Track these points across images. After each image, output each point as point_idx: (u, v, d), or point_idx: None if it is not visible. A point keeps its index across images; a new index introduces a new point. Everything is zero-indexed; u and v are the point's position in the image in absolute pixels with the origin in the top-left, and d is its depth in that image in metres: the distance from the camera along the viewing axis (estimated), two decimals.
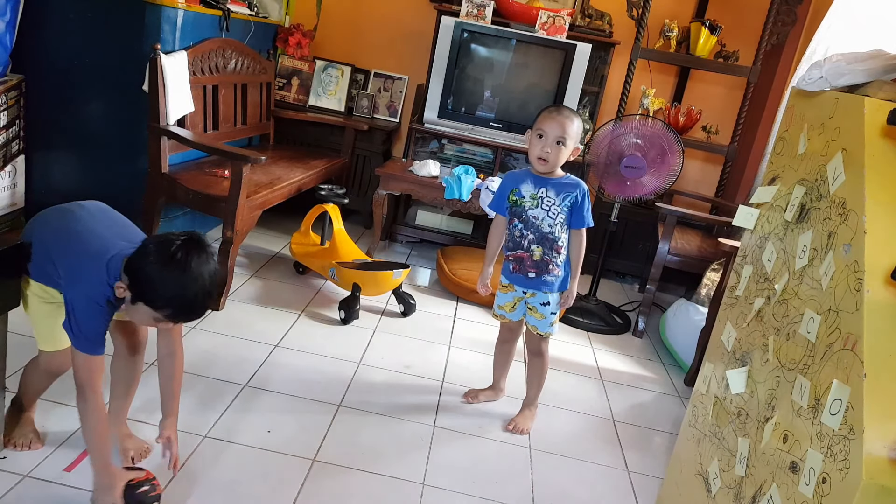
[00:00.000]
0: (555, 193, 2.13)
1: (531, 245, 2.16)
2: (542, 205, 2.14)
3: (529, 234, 2.16)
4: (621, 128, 3.23)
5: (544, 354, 2.31)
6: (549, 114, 2.09)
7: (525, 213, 2.15)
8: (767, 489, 1.30)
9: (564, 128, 2.06)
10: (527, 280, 2.20)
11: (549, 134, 2.07)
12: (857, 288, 1.17)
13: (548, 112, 2.10)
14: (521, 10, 3.78)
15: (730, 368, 1.61)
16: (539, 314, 2.23)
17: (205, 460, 1.84)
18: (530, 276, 2.19)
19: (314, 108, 4.10)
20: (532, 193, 2.14)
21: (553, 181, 2.15)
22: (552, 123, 2.06)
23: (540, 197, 2.14)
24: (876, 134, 1.27)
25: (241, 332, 2.58)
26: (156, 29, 2.80)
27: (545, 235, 2.15)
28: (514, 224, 2.18)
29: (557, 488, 2.03)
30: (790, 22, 3.73)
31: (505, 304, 2.28)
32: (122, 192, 2.94)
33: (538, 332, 2.25)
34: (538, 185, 2.14)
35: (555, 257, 2.17)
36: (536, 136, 2.09)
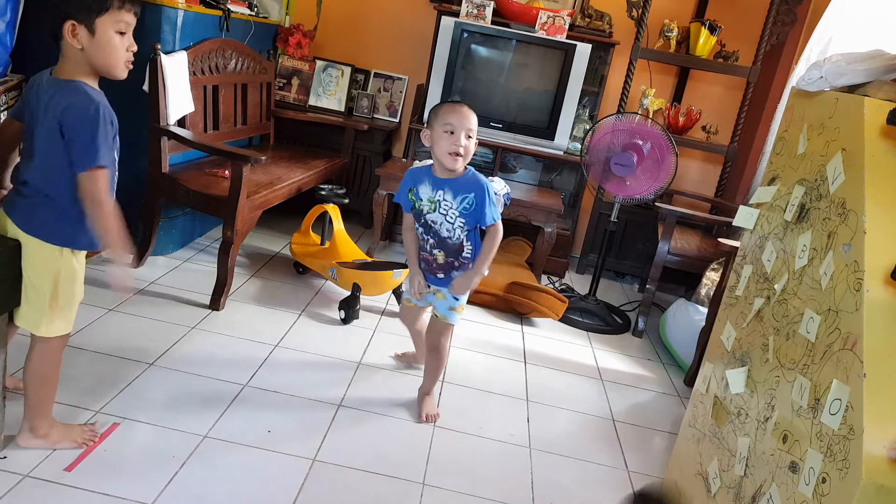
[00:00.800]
0: (452, 196, 2.05)
1: (433, 249, 2.12)
2: (439, 209, 2.06)
3: (430, 238, 2.11)
4: (622, 123, 3.23)
5: (442, 351, 2.25)
6: (451, 107, 2.00)
7: (423, 217, 2.09)
8: (767, 489, 1.30)
9: (470, 119, 1.99)
10: (436, 279, 2.18)
11: (458, 127, 1.97)
12: (857, 288, 1.17)
13: (449, 106, 2.01)
14: (521, 11, 3.78)
15: (729, 368, 1.61)
16: (441, 294, 2.19)
17: (205, 460, 1.84)
18: (439, 276, 2.17)
19: (314, 108, 4.10)
20: (430, 196, 2.07)
21: (452, 182, 2.05)
22: (459, 116, 1.98)
23: (437, 201, 2.06)
24: (875, 134, 1.27)
25: (241, 332, 2.58)
26: (156, 29, 2.80)
27: (444, 240, 2.09)
28: (417, 227, 2.14)
29: (557, 488, 2.03)
30: (790, 22, 3.73)
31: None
32: (123, 192, 2.91)
33: (437, 315, 2.20)
34: (436, 188, 2.06)
35: (458, 255, 2.11)
36: (443, 131, 1.99)
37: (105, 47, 1.52)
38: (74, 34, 1.49)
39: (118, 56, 1.54)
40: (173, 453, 1.84)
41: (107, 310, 2.53)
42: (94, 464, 1.74)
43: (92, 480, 1.68)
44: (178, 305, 2.69)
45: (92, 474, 1.70)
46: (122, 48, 1.54)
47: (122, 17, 1.52)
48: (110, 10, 1.49)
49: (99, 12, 1.49)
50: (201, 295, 2.79)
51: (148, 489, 1.69)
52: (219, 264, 2.73)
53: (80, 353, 2.22)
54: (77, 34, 1.49)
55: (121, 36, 1.53)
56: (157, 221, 2.92)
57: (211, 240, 3.46)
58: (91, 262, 2.84)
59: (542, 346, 3.02)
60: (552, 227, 3.48)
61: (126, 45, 1.55)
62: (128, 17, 1.54)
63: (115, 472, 1.73)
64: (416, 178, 2.11)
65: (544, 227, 3.48)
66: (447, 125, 1.98)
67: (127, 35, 1.55)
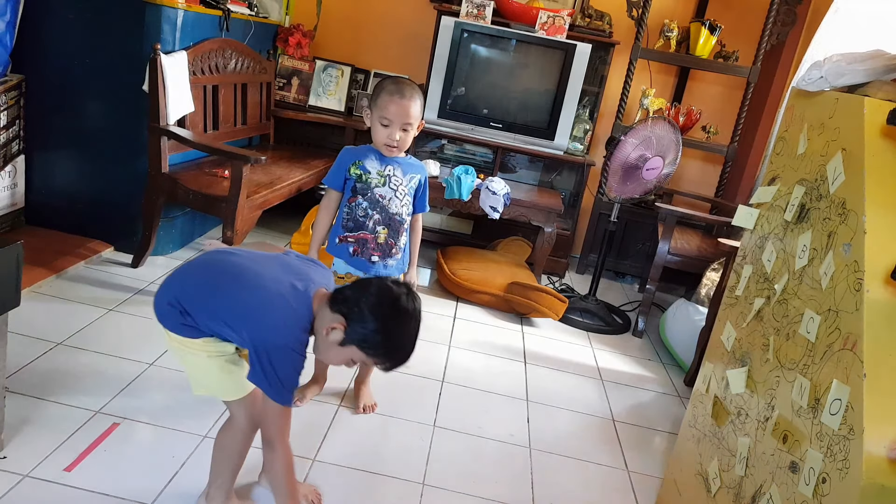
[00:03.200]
0: (402, 173, 2.03)
1: (377, 226, 2.03)
2: (389, 183, 2.01)
3: (375, 213, 2.03)
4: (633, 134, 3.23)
5: None
6: (391, 97, 1.92)
7: (371, 191, 2.01)
8: (767, 489, 1.30)
9: (409, 112, 1.93)
10: (368, 264, 2.07)
11: (394, 122, 1.93)
12: (857, 288, 1.17)
13: (389, 95, 1.92)
14: (521, 11, 3.78)
15: (730, 368, 1.61)
16: None
17: (206, 460, 1.84)
18: (373, 259, 2.06)
19: (314, 108, 4.09)
20: (379, 170, 2.01)
21: (399, 160, 2.05)
22: (397, 110, 1.92)
23: (388, 175, 2.01)
24: (876, 134, 1.27)
25: None
26: (156, 29, 2.80)
27: (392, 216, 2.03)
28: (357, 202, 2.02)
29: (557, 488, 2.03)
30: (790, 22, 3.73)
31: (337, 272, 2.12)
32: (122, 192, 2.94)
33: None
34: (385, 163, 2.02)
35: (398, 240, 2.07)
36: (380, 122, 1.94)
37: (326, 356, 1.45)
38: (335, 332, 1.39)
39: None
40: (173, 453, 1.84)
41: (107, 310, 2.53)
42: (94, 464, 1.74)
43: (92, 480, 1.68)
44: None
45: (92, 474, 1.70)
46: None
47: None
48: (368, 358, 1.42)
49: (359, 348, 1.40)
50: None
51: (148, 489, 1.69)
52: None
53: (80, 353, 2.22)
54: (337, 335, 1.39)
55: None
56: (156, 221, 2.91)
57: (211, 240, 3.46)
58: (91, 262, 2.85)
59: (542, 346, 3.02)
60: (552, 227, 3.48)
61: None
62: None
63: (115, 472, 1.73)
64: (358, 154, 2.03)
65: (544, 227, 3.48)
66: (383, 118, 1.93)
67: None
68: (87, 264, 2.84)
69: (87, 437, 1.83)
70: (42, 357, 2.14)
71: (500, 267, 3.47)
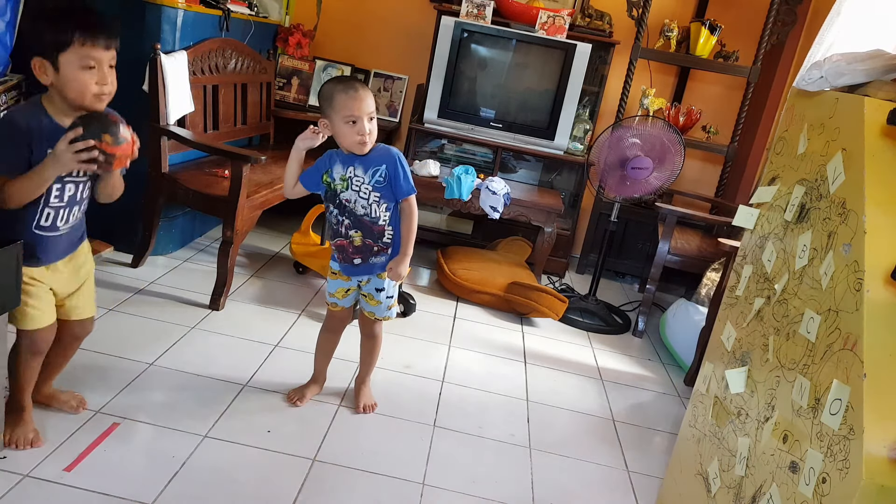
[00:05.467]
0: (363, 171, 1.99)
1: (349, 231, 2.03)
2: (351, 186, 1.99)
3: (345, 219, 2.02)
4: (622, 130, 3.24)
5: (377, 336, 2.21)
6: (347, 94, 1.90)
7: (338, 197, 2.01)
8: (767, 489, 1.30)
9: (369, 102, 1.92)
10: (353, 268, 2.07)
11: (360, 116, 1.91)
12: (857, 288, 1.17)
13: (345, 93, 1.91)
14: (521, 10, 3.78)
15: (730, 368, 1.61)
16: (375, 301, 2.12)
17: (206, 460, 1.84)
18: (356, 262, 2.06)
19: (314, 108, 4.09)
20: (342, 175, 2.00)
21: (361, 158, 1.99)
22: (358, 104, 1.90)
23: (349, 178, 1.99)
24: (876, 134, 1.27)
25: (241, 332, 2.58)
26: (156, 29, 2.80)
27: (360, 219, 2.01)
28: (330, 210, 2.05)
29: (557, 488, 2.03)
30: (790, 22, 3.73)
31: (336, 291, 2.14)
32: (123, 192, 2.94)
33: (376, 318, 2.15)
34: (346, 165, 2.00)
35: (378, 238, 2.04)
36: (345, 122, 1.92)
37: (69, 83, 1.54)
38: (41, 70, 1.54)
39: (84, 91, 1.56)
40: (173, 453, 1.84)
41: (107, 310, 2.53)
42: (94, 464, 1.74)
43: (92, 480, 1.68)
44: (177, 305, 2.69)
45: (92, 474, 1.70)
46: (90, 82, 1.56)
47: (88, 52, 1.53)
48: (72, 47, 1.51)
49: (60, 50, 1.51)
50: (201, 295, 2.79)
51: (148, 489, 1.69)
52: (219, 264, 2.73)
53: (80, 353, 2.20)
54: (43, 69, 1.53)
55: (89, 70, 1.54)
56: (156, 221, 2.92)
57: (211, 240, 3.46)
58: None
59: (542, 346, 3.02)
60: (552, 227, 3.48)
61: (96, 80, 1.56)
62: (96, 52, 1.54)
63: (115, 472, 1.73)
64: (331, 160, 2.04)
65: (544, 227, 3.48)
66: (348, 116, 1.91)
67: (99, 69, 1.56)
68: None
69: (87, 437, 1.83)
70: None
71: (500, 267, 3.47)
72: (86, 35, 1.53)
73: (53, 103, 1.58)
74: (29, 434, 1.76)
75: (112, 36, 1.58)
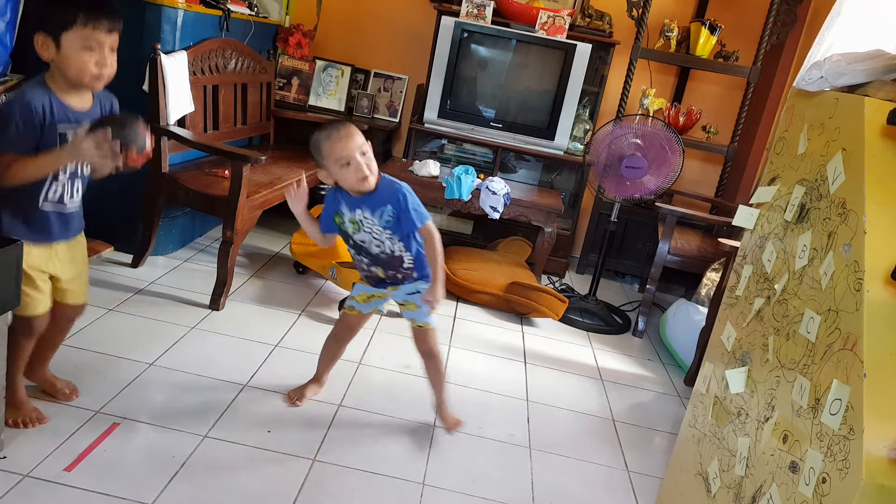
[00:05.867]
0: (370, 212, 1.96)
1: (370, 267, 2.05)
2: (363, 228, 1.98)
3: (363, 257, 2.04)
4: (621, 128, 3.24)
5: (436, 352, 2.15)
6: (331, 138, 1.88)
7: (352, 238, 2.02)
8: (767, 489, 1.30)
9: (357, 140, 1.90)
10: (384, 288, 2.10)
11: (352, 156, 1.88)
12: (857, 288, 1.17)
13: (328, 138, 1.88)
14: (521, 10, 3.78)
15: (730, 368, 1.61)
16: (411, 305, 2.09)
17: (205, 460, 1.84)
18: (388, 284, 2.09)
19: (314, 108, 4.09)
20: (351, 218, 1.99)
21: (367, 199, 1.96)
22: (346, 143, 1.87)
23: (359, 220, 1.98)
24: (876, 134, 1.27)
25: (241, 332, 2.58)
26: (156, 29, 2.80)
27: (377, 257, 2.02)
28: (350, 248, 2.07)
29: (557, 488, 2.03)
30: (790, 22, 3.73)
31: (360, 294, 2.13)
32: (122, 192, 2.94)
33: (419, 325, 2.12)
34: (353, 207, 1.98)
35: (398, 267, 2.04)
36: (340, 166, 1.89)
37: (69, 62, 1.57)
38: (43, 46, 1.56)
39: (83, 70, 1.58)
40: (173, 453, 1.84)
41: (107, 310, 2.53)
42: (94, 464, 1.74)
43: (92, 480, 1.68)
44: (177, 305, 2.69)
45: (92, 474, 1.70)
46: (90, 63, 1.58)
47: (91, 34, 1.56)
48: (75, 27, 1.54)
49: (64, 28, 1.54)
50: (201, 295, 2.79)
51: (148, 489, 1.69)
52: (219, 264, 2.73)
53: (80, 352, 2.22)
54: (46, 46, 1.56)
55: (90, 51, 1.57)
56: (156, 221, 2.92)
57: (211, 240, 3.46)
58: (91, 262, 2.84)
59: (542, 346, 3.02)
60: (552, 227, 3.48)
61: (95, 60, 1.58)
62: (98, 35, 1.57)
63: (115, 472, 1.73)
64: (336, 201, 2.01)
65: (544, 227, 3.48)
66: (341, 159, 1.88)
67: (99, 51, 1.58)
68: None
69: (87, 437, 1.83)
70: None
71: (500, 267, 3.47)
72: (90, 17, 1.55)
73: (56, 82, 1.61)
74: (32, 413, 1.81)
75: (116, 20, 1.60)
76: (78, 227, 1.80)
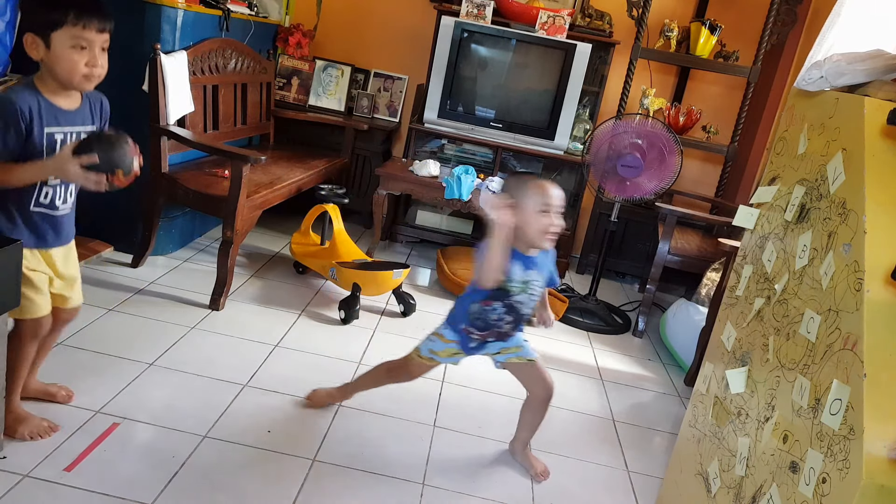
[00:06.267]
0: (537, 273, 1.88)
1: (505, 325, 1.91)
2: (528, 290, 1.87)
3: (509, 317, 1.89)
4: (621, 126, 3.24)
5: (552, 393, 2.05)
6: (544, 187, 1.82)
7: (510, 299, 1.85)
8: (767, 489, 1.30)
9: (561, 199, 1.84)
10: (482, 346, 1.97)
11: (555, 205, 1.81)
12: (858, 288, 1.17)
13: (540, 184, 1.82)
14: (521, 10, 3.78)
15: (730, 368, 1.61)
16: (514, 347, 2.00)
17: (205, 460, 1.84)
18: (489, 340, 1.96)
19: (314, 108, 4.09)
20: (521, 278, 1.84)
21: (537, 259, 1.88)
22: (555, 191, 1.82)
23: (527, 281, 1.86)
24: (876, 134, 1.27)
25: (241, 332, 2.58)
26: (156, 29, 2.80)
27: (523, 317, 1.92)
28: (493, 307, 1.86)
29: (557, 488, 2.03)
30: (790, 22, 3.73)
31: (443, 350, 1.98)
32: (122, 192, 2.92)
33: (528, 360, 2.01)
34: (527, 268, 1.85)
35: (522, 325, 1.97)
36: (538, 210, 1.79)
37: (59, 61, 1.55)
38: (32, 45, 1.55)
39: (73, 70, 1.57)
40: (173, 453, 1.84)
41: (107, 310, 2.53)
42: (94, 464, 1.74)
43: (92, 480, 1.68)
44: (177, 305, 2.69)
45: (92, 474, 1.70)
46: (80, 63, 1.57)
47: (81, 33, 1.55)
48: (65, 26, 1.53)
49: (54, 27, 1.53)
50: (201, 295, 2.79)
51: (148, 489, 1.69)
52: (218, 264, 2.73)
53: (80, 352, 2.22)
54: (35, 46, 1.55)
55: (80, 50, 1.56)
56: (156, 221, 2.92)
57: (211, 240, 3.46)
58: (91, 262, 2.85)
59: (542, 346, 3.02)
60: None
61: (86, 60, 1.57)
62: (88, 34, 1.56)
63: (115, 472, 1.73)
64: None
65: None
66: (546, 205, 1.79)
67: (90, 50, 1.57)
68: (86, 264, 2.84)
69: (87, 437, 1.83)
70: None
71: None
72: (80, 16, 1.54)
73: (46, 83, 1.60)
74: (43, 423, 1.80)
75: (106, 19, 1.59)
76: (69, 235, 1.77)
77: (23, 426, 1.77)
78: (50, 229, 1.69)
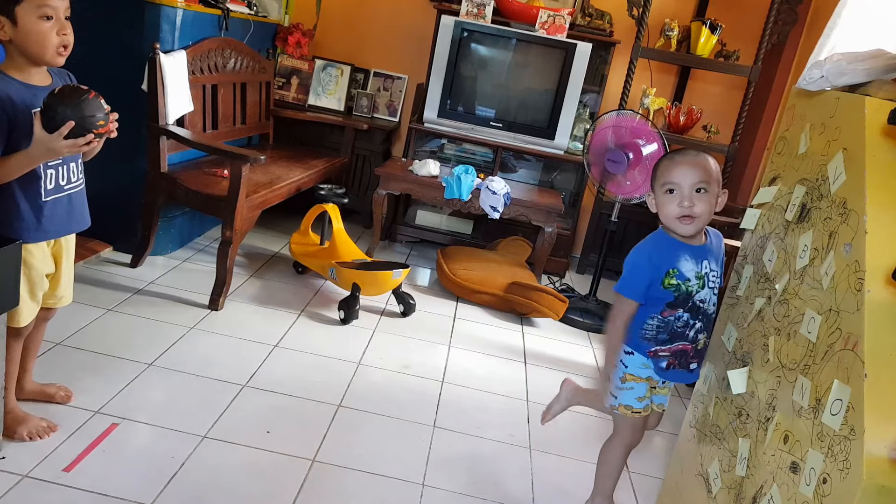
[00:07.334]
0: (715, 262, 1.65)
1: (698, 334, 1.66)
2: (707, 283, 1.62)
3: (697, 322, 1.64)
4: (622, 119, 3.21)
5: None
6: (671, 161, 1.58)
7: (692, 300, 1.61)
8: (768, 489, 1.30)
9: (698, 171, 1.55)
10: (688, 374, 1.71)
11: (682, 183, 1.55)
12: (858, 288, 1.16)
13: (669, 160, 1.59)
14: (522, 10, 3.78)
15: (730, 368, 1.60)
16: (666, 389, 1.79)
17: (205, 460, 1.84)
18: (692, 367, 1.71)
19: (314, 108, 4.09)
20: (697, 272, 1.61)
21: (709, 247, 1.65)
22: (683, 169, 1.55)
23: (705, 274, 1.62)
24: (877, 133, 1.27)
25: (240, 332, 2.58)
26: (155, 28, 2.80)
27: (710, 317, 1.67)
28: (678, 315, 1.63)
29: (557, 488, 2.03)
30: (791, 21, 3.73)
31: (646, 394, 1.72)
32: (122, 192, 2.94)
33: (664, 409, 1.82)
34: (699, 259, 1.61)
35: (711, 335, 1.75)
36: (664, 192, 1.59)
37: (29, 35, 1.51)
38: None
39: (45, 43, 1.53)
40: (173, 453, 1.84)
41: (106, 310, 2.53)
42: (94, 464, 1.74)
43: (91, 480, 1.68)
44: (177, 305, 2.69)
45: (92, 474, 1.70)
46: (51, 34, 1.53)
47: (44, 1, 1.50)
48: None
49: (16, 2, 1.48)
50: (200, 295, 2.79)
51: (147, 489, 1.68)
52: (218, 264, 2.73)
53: (78, 353, 2.22)
54: (1, 26, 1.50)
55: (47, 20, 1.52)
56: (155, 221, 2.91)
57: (210, 239, 3.46)
58: (90, 262, 2.85)
59: (542, 346, 3.02)
60: (552, 227, 3.48)
61: (56, 30, 1.53)
62: (52, 0, 1.51)
63: (114, 472, 1.72)
64: (668, 254, 1.62)
65: (544, 227, 3.48)
66: (668, 183, 1.57)
67: (57, 19, 1.53)
68: (85, 264, 2.84)
69: (86, 437, 1.83)
70: (41, 357, 2.13)
71: (500, 267, 3.47)
72: None
73: (15, 65, 1.56)
74: (41, 423, 1.79)
75: None
76: (82, 217, 1.74)
77: (22, 426, 1.76)
78: (65, 214, 1.67)
